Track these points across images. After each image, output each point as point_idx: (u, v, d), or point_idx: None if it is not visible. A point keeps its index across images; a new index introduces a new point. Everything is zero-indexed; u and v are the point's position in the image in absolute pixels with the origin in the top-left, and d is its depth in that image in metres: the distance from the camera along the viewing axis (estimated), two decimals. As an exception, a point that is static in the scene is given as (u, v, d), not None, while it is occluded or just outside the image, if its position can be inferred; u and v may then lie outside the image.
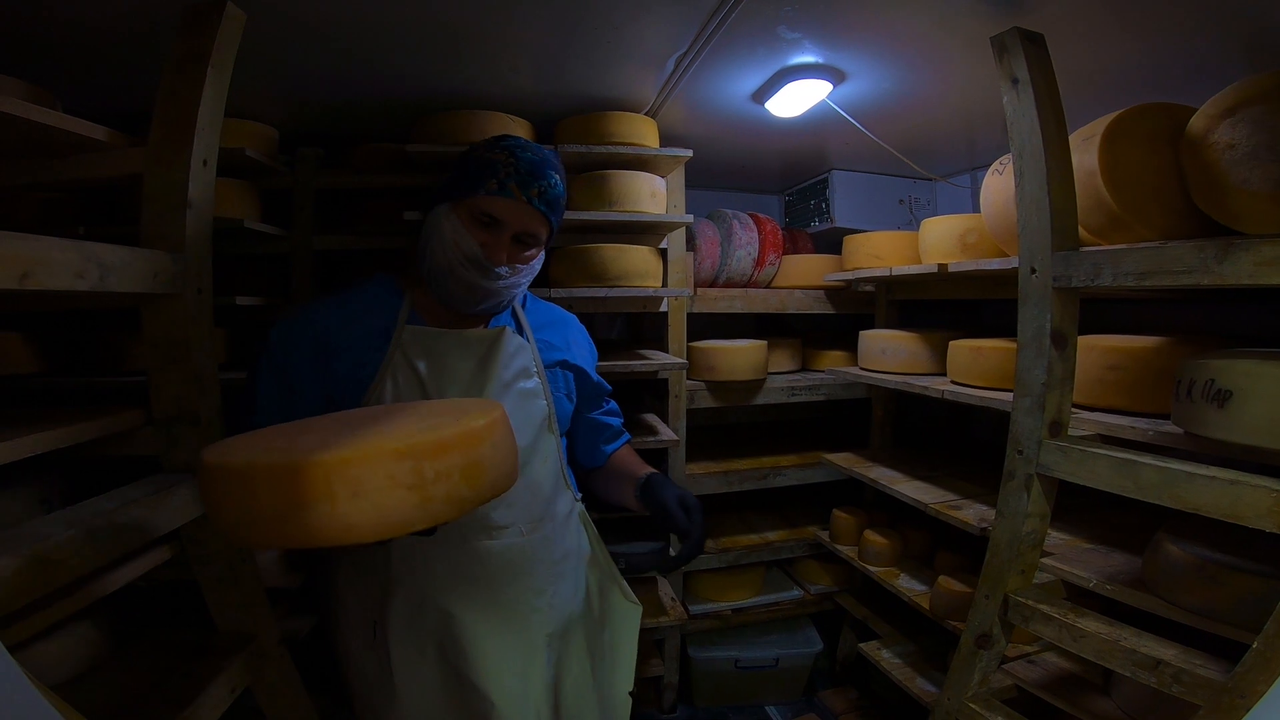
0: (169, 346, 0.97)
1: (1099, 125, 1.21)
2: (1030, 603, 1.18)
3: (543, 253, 1.19)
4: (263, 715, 1.10)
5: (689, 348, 2.23)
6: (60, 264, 0.74)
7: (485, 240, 1.08)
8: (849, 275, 2.25)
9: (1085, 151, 1.20)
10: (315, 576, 1.40)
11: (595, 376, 1.41)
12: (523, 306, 1.32)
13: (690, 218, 2.02)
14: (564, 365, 1.31)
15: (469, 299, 1.12)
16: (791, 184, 2.91)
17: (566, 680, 1.20)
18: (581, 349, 1.38)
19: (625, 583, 1.34)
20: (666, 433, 2.07)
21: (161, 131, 1.00)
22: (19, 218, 1.68)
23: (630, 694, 1.34)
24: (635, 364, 1.92)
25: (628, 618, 1.34)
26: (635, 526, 1.50)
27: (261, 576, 1.10)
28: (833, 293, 2.49)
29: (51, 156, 1.03)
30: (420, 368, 1.13)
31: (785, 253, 2.54)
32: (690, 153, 1.99)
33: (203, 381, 0.99)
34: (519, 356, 1.22)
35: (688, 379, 2.21)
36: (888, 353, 2.03)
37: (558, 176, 1.13)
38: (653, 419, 2.21)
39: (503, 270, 1.09)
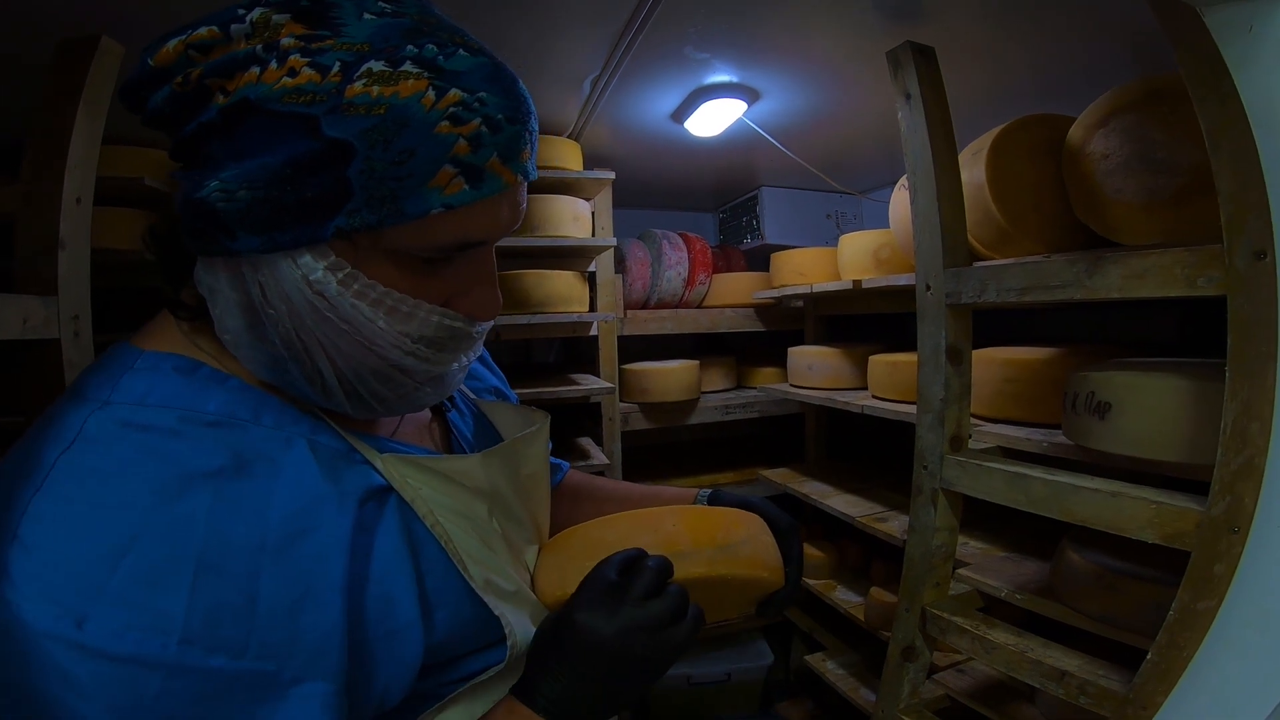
0: (48, 391, 0.95)
1: (986, 140, 1.22)
2: (945, 615, 1.19)
3: None
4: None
5: (621, 370, 2.21)
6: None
7: (457, 289, 0.55)
8: (775, 293, 2.26)
9: (974, 166, 1.21)
10: None
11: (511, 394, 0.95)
12: None
13: (614, 241, 2.02)
14: (498, 392, 0.91)
15: (433, 394, 0.59)
16: (725, 201, 2.93)
17: None
18: (489, 362, 0.94)
19: None
20: (599, 456, 2.05)
21: (33, 171, 0.99)
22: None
23: None
24: (564, 390, 1.89)
25: None
26: None
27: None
28: (763, 310, 2.49)
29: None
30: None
31: (717, 271, 2.55)
32: (613, 175, 1.99)
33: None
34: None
35: (622, 401, 2.20)
36: (814, 369, 2.04)
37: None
38: (586, 442, 2.19)
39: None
